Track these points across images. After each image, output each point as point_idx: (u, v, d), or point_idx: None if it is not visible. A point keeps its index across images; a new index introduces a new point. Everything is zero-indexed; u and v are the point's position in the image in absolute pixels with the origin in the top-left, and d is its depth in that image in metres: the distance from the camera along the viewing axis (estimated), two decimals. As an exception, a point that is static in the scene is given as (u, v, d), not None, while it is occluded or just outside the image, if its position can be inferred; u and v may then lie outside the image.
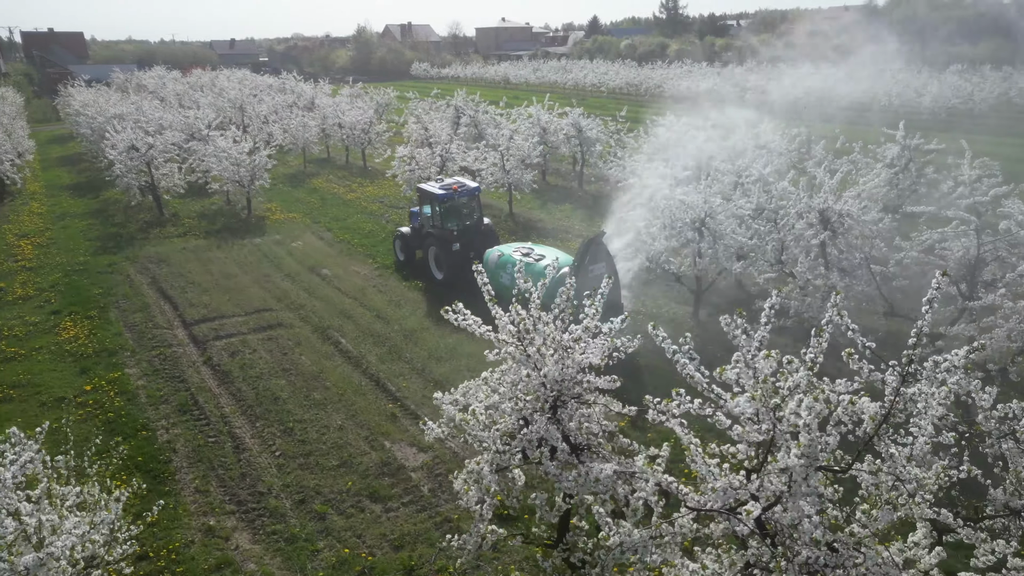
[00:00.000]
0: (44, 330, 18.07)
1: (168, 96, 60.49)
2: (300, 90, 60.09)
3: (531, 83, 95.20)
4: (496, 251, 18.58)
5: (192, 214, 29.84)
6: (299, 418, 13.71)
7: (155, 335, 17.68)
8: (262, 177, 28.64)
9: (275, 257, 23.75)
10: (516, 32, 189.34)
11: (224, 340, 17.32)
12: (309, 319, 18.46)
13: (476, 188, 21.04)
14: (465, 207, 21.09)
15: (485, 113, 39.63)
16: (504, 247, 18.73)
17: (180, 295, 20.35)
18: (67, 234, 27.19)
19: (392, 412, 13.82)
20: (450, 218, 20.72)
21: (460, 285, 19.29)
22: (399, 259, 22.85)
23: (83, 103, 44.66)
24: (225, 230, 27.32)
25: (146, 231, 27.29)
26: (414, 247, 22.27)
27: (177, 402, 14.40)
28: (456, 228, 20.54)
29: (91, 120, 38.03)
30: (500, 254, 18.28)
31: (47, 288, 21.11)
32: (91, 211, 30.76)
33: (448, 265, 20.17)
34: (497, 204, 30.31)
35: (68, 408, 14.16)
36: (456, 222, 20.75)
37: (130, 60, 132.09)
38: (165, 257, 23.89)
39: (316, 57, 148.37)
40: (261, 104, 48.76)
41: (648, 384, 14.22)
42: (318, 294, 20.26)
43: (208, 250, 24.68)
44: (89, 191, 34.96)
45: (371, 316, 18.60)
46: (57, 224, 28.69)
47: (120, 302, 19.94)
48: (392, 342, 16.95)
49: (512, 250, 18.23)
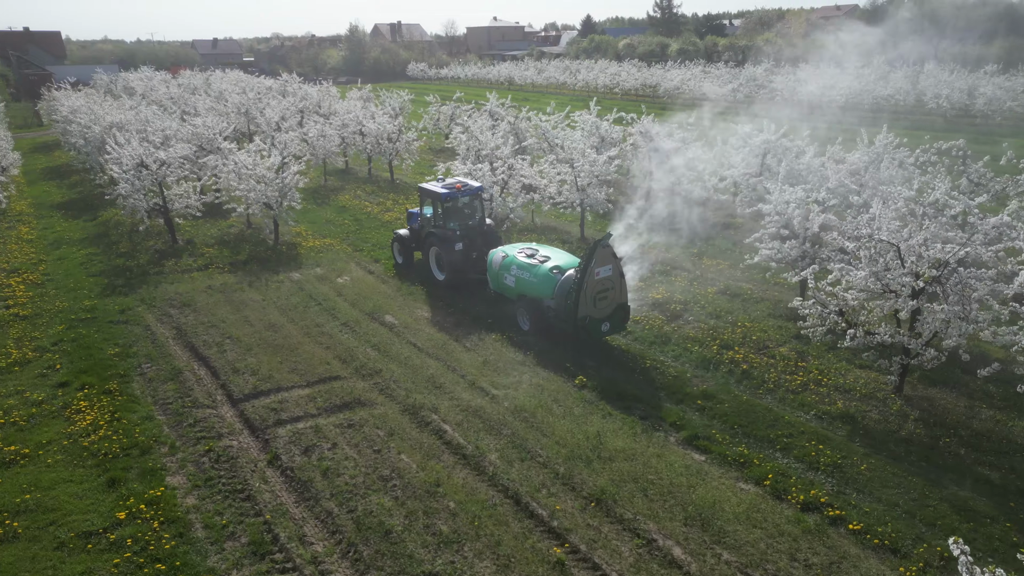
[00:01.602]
0: (51, 413, 13.95)
1: (161, 99, 56.03)
2: (305, 93, 55.96)
3: (537, 84, 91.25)
4: (500, 252, 18.14)
5: (209, 240, 25.69)
6: (429, 570, 9.74)
7: (197, 419, 13.64)
8: (293, 197, 24.57)
9: (322, 299, 19.74)
10: (508, 31, 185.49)
11: (289, 426, 13.33)
12: (392, 392, 14.49)
13: (479, 187, 20.45)
14: (467, 207, 20.48)
15: (527, 120, 35.77)
16: (508, 247, 18.24)
17: (218, 355, 16.31)
18: (65, 268, 22.95)
19: (559, 559, 9.89)
20: (452, 218, 20.11)
21: (462, 286, 19.85)
22: (397, 262, 22.50)
23: (72, 109, 40.18)
24: (253, 261, 23.22)
25: (159, 263, 23.12)
26: (413, 250, 22.07)
27: (248, 538, 10.40)
28: (458, 228, 20.01)
29: (85, 129, 33.68)
30: (504, 255, 17.85)
31: (48, 347, 16.97)
32: (90, 236, 26.50)
33: (450, 266, 19.82)
34: (562, 226, 26.45)
35: (97, 554, 10.12)
36: (458, 222, 20.14)
37: (110, 60, 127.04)
38: (189, 299, 19.79)
39: (305, 57, 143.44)
40: (268, 110, 44.40)
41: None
42: (391, 353, 16.29)
43: (239, 289, 20.59)
44: (85, 210, 30.64)
45: (467, 385, 14.67)
46: (52, 254, 24.42)
47: (144, 367, 15.86)
48: (510, 428, 13.04)
49: (516, 251, 17.78)
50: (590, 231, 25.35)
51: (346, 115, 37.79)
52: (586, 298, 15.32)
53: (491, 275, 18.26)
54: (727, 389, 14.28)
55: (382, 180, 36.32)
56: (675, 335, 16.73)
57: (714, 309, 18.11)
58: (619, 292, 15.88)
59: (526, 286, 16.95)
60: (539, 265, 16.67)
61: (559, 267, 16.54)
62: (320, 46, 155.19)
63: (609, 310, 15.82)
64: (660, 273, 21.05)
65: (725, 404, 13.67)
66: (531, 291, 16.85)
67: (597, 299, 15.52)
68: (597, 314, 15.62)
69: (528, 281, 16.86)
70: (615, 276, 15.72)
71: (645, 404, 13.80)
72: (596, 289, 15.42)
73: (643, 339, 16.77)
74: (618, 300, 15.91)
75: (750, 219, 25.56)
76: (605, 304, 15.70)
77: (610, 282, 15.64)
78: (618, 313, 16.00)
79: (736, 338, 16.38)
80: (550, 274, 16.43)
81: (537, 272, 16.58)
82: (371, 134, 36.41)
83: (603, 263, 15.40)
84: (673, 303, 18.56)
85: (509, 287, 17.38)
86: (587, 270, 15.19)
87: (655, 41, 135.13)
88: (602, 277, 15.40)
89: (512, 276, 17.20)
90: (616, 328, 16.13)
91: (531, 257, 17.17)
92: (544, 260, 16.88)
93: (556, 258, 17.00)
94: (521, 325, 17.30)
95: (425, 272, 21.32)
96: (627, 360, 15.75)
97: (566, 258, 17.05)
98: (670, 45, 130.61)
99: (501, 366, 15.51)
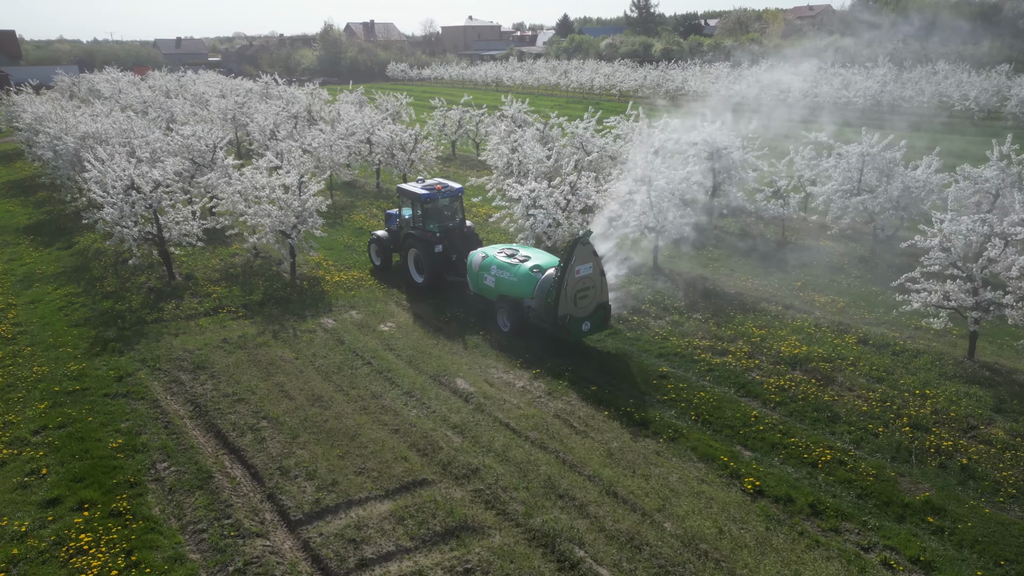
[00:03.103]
0: (40, 555, 9.97)
1: (132, 103, 51.35)
2: (292, 96, 51.78)
3: (528, 85, 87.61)
4: (480, 252, 17.99)
5: (213, 274, 21.67)
6: None
7: (246, 558, 9.82)
8: (314, 223, 20.71)
9: (370, 355, 15.98)
10: (484, 31, 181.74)
11: (378, 570, 9.59)
12: (505, 507, 10.79)
13: (459, 189, 20.17)
14: (447, 208, 20.18)
15: (555, 127, 32.19)
16: (488, 248, 18.13)
17: (255, 446, 12.48)
18: (40, 314, 18.81)
19: None
20: (432, 220, 19.75)
21: (441, 288, 19.73)
22: (375, 264, 22.04)
23: (37, 116, 35.60)
24: (271, 302, 19.31)
25: (156, 306, 19.09)
26: (391, 252, 21.57)
27: None
28: (438, 230, 19.70)
29: (54, 141, 29.28)
30: (484, 255, 17.68)
31: (28, 437, 12.94)
32: (67, 270, 22.28)
33: (429, 268, 19.51)
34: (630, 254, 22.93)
35: None
36: (438, 224, 19.82)
37: (68, 61, 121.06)
38: (202, 359, 15.86)
39: (277, 57, 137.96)
40: (258, 116, 40.10)
41: None
42: (482, 439, 12.59)
43: (263, 343, 16.71)
44: (57, 235, 26.34)
45: (601, 492, 11.04)
46: (22, 296, 20.22)
47: (158, 469, 11.95)
48: (692, 570, 9.45)
49: (496, 251, 17.66)
50: (669, 262, 21.86)
51: (350, 122, 33.79)
52: (566, 297, 15.18)
53: (471, 276, 17.98)
54: (955, 497, 10.85)
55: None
56: (841, 410, 13.27)
57: (870, 368, 14.73)
58: (600, 291, 15.78)
59: (506, 286, 16.78)
60: (519, 265, 16.59)
61: (539, 266, 16.42)
62: (293, 46, 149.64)
63: (590, 309, 15.73)
64: (771, 316, 17.66)
65: (968, 523, 10.24)
66: (511, 291, 16.68)
67: (578, 298, 15.39)
68: (578, 313, 15.52)
69: (508, 281, 16.70)
70: (595, 274, 15.60)
71: (854, 522, 10.33)
72: (576, 288, 15.30)
73: (802, 414, 13.25)
74: (599, 299, 15.83)
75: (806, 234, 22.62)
76: (586, 303, 15.59)
77: (590, 280, 15.52)
78: (599, 312, 15.92)
79: (925, 414, 12.98)
80: (530, 273, 16.32)
81: (517, 272, 16.47)
82: (381, 143, 32.58)
83: (583, 261, 15.23)
84: (814, 359, 15.14)
85: (489, 288, 17.27)
86: (567, 268, 15.02)
87: (638, 41, 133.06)
88: (582, 276, 15.30)
89: (492, 276, 17.08)
90: (597, 328, 16.02)
91: (511, 257, 17.04)
92: (524, 260, 16.77)
93: (536, 258, 16.86)
94: (501, 326, 17.07)
95: (481, 310, 17.85)
96: (786, 444, 12.25)
97: (546, 258, 16.90)
98: (654, 45, 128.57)
99: (631, 459, 11.93)
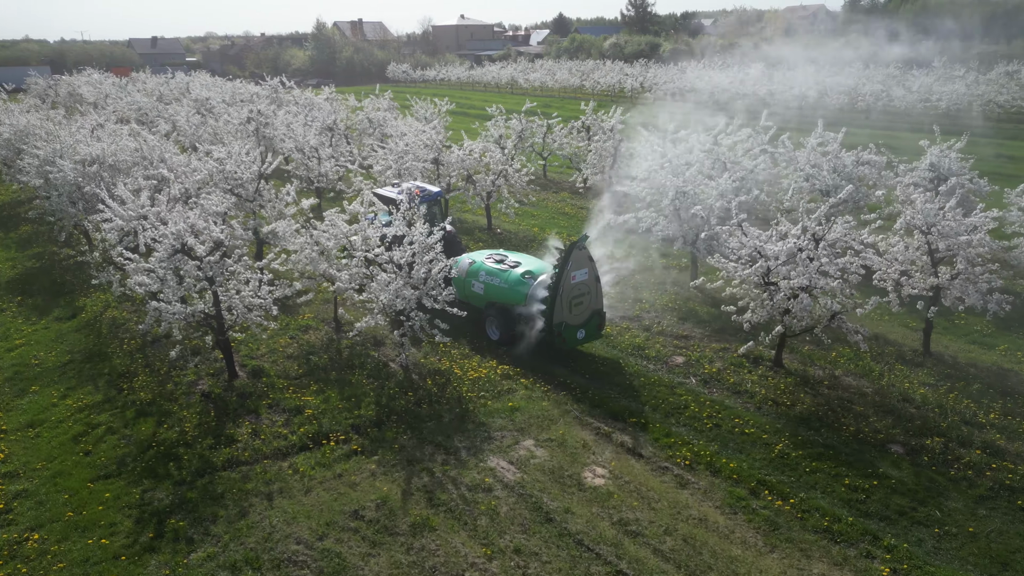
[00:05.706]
0: None
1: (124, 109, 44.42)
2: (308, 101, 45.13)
3: (548, 88, 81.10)
4: (467, 258, 17.10)
5: (288, 366, 15.15)
6: None
7: None
8: (439, 295, 14.36)
9: (611, 550, 9.69)
10: (477, 30, 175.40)
11: None
12: None
13: (438, 192, 19.96)
14: (427, 214, 18.84)
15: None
16: (475, 254, 17.37)
17: None
18: (46, 452, 12.24)
19: None
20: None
21: None
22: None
23: (18, 129, 28.62)
24: (390, 418, 12.88)
25: (221, 431, 12.59)
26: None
27: None
28: None
29: (43, 166, 22.47)
30: (471, 261, 16.82)
31: None
32: (75, 358, 15.66)
33: None
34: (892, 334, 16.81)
35: None
36: None
37: (37, 61, 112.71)
38: (334, 566, 9.46)
39: (264, 57, 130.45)
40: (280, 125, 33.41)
41: None
42: None
43: (420, 520, 10.27)
44: (55, 296, 19.67)
45: None
46: (17, 417, 13.60)
47: None
48: None
49: (484, 257, 16.85)
50: (941, 344, 15.79)
51: (414, 138, 27.27)
52: (562, 303, 14.65)
53: (457, 283, 16.62)
54: None
55: (473, 227, 26.11)
56: None
57: None
58: (595, 298, 15.32)
59: (496, 293, 15.98)
60: (510, 271, 15.92)
61: (531, 272, 15.76)
62: (281, 45, 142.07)
63: (585, 316, 15.22)
64: None
65: None
66: (501, 298, 15.91)
67: (573, 304, 14.89)
68: (573, 320, 15.00)
69: (498, 287, 15.91)
70: (591, 280, 15.15)
71: None
72: (572, 294, 14.81)
73: None
74: (594, 306, 15.37)
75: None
76: (581, 310, 15.10)
77: (586, 287, 15.08)
78: (594, 320, 15.42)
79: None
80: (522, 279, 15.60)
81: (508, 278, 15.77)
82: (451, 164, 26.19)
83: (579, 267, 14.82)
84: None
85: (477, 295, 16.41)
86: (563, 274, 14.61)
87: (644, 40, 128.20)
88: (578, 281, 14.86)
89: (480, 283, 16.28)
90: (592, 336, 15.49)
91: (500, 263, 16.33)
92: (514, 266, 16.11)
93: (527, 263, 16.23)
94: (490, 335, 16.37)
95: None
96: None
97: (537, 264, 16.30)
98: (662, 44, 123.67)
99: None
